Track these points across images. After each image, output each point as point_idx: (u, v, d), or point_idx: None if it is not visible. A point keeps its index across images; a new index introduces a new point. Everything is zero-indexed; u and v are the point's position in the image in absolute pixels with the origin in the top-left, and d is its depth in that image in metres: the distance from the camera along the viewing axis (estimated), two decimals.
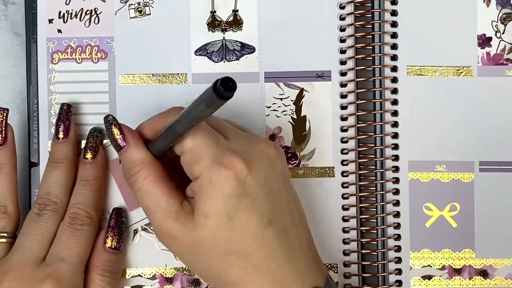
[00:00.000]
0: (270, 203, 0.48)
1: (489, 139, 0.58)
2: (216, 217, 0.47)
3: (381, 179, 0.57)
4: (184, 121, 0.46)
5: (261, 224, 0.47)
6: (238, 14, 0.57)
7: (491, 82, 0.58)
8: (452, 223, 0.57)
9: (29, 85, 0.57)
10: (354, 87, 0.57)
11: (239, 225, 0.47)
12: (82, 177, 0.54)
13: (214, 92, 0.40)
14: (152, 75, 0.57)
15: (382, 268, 0.57)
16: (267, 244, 0.47)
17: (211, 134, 0.48)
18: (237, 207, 0.47)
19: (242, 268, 0.47)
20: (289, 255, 0.48)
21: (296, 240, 0.49)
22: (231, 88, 0.40)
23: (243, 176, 0.47)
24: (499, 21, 0.58)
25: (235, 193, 0.46)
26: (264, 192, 0.47)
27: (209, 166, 0.47)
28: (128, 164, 0.50)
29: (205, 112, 0.44)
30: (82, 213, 0.53)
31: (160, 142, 0.49)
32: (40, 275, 0.50)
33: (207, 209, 0.47)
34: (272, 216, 0.48)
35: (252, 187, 0.47)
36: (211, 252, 0.47)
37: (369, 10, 0.58)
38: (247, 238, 0.47)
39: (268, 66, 0.57)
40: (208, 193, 0.47)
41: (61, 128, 0.54)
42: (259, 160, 0.48)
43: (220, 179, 0.46)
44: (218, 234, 0.47)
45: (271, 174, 0.48)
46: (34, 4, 0.57)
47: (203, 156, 0.47)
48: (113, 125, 0.51)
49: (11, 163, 0.54)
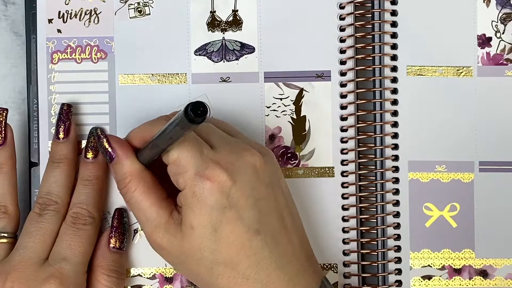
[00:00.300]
0: (257, 213, 0.48)
1: (489, 139, 0.58)
2: (201, 229, 0.47)
3: (381, 179, 0.57)
4: (164, 137, 0.47)
5: (247, 233, 0.47)
6: (238, 14, 0.57)
7: (491, 82, 0.58)
8: (452, 223, 0.57)
9: (29, 85, 0.57)
10: (354, 87, 0.57)
11: (224, 236, 0.47)
12: (83, 176, 0.54)
13: (185, 117, 0.41)
14: (152, 75, 0.57)
15: (382, 268, 0.57)
16: (255, 253, 0.47)
17: (196, 145, 0.48)
18: (221, 218, 0.47)
19: (231, 278, 0.48)
20: (279, 261, 0.48)
21: (288, 245, 0.49)
22: (201, 113, 0.41)
23: (227, 188, 0.47)
24: (499, 21, 0.58)
25: (218, 205, 0.47)
26: (250, 203, 0.48)
27: (193, 178, 0.47)
28: (118, 176, 0.51)
29: (179, 133, 0.44)
30: (84, 213, 0.53)
31: (147, 153, 0.50)
32: (43, 275, 0.50)
33: (192, 220, 0.47)
34: (259, 225, 0.48)
35: (237, 198, 0.47)
36: (198, 262, 0.48)
37: (369, 10, 0.58)
38: (233, 249, 0.47)
39: (267, 66, 0.57)
40: (192, 206, 0.47)
41: (61, 128, 0.55)
42: (244, 170, 0.48)
43: (203, 192, 0.47)
44: (203, 245, 0.47)
45: (257, 184, 0.48)
46: (34, 4, 0.57)
47: (187, 168, 0.47)
48: (101, 138, 0.52)
49: (11, 163, 0.54)
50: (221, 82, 0.57)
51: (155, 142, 0.48)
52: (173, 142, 0.46)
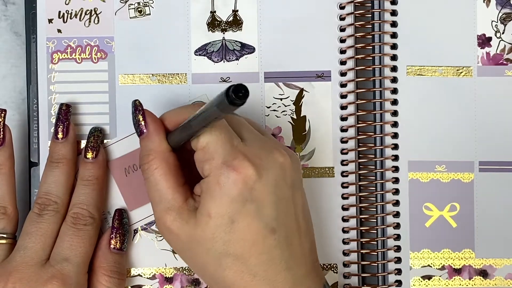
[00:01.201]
0: (276, 211, 0.48)
1: (489, 139, 0.58)
2: (218, 218, 0.47)
3: (381, 179, 0.57)
4: (199, 119, 0.46)
5: (263, 231, 0.47)
6: (238, 14, 0.57)
7: (491, 82, 0.58)
8: (452, 223, 0.57)
9: (29, 85, 0.57)
10: (354, 87, 0.57)
11: (240, 229, 0.47)
12: (83, 176, 0.54)
13: (226, 98, 0.40)
14: (152, 75, 0.57)
15: (381, 268, 0.57)
16: (267, 251, 0.47)
17: (227, 134, 0.48)
18: (241, 211, 0.47)
19: (238, 272, 0.47)
20: (288, 262, 0.48)
21: (298, 248, 0.49)
22: (243, 96, 0.40)
23: (251, 181, 0.47)
24: (499, 21, 0.58)
25: (240, 197, 0.46)
26: (271, 200, 0.47)
27: (219, 167, 0.47)
28: (144, 151, 0.50)
29: (217, 114, 0.44)
30: (84, 213, 0.53)
31: (178, 135, 0.49)
32: (45, 276, 0.50)
33: (211, 208, 0.47)
34: (276, 224, 0.47)
35: (259, 193, 0.47)
36: (208, 252, 0.47)
37: (369, 10, 0.58)
38: (247, 243, 0.47)
39: (268, 66, 0.57)
40: (213, 194, 0.47)
41: (60, 128, 0.54)
42: (271, 168, 0.48)
43: (227, 181, 0.46)
44: (217, 234, 0.47)
45: (281, 183, 0.48)
46: (34, 4, 0.57)
47: (215, 155, 0.47)
48: (138, 111, 0.51)
49: (9, 164, 0.54)
50: (221, 82, 0.57)
51: (188, 123, 0.47)
52: (207, 124, 0.46)
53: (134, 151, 0.56)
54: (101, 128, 0.56)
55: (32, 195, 0.56)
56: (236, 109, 0.41)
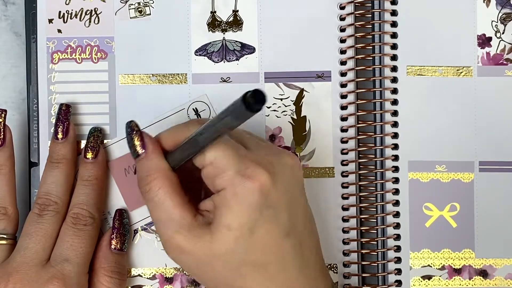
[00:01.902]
0: (289, 215, 0.47)
1: (489, 139, 0.58)
2: (239, 230, 0.46)
3: (381, 179, 0.57)
4: (208, 133, 0.45)
5: (280, 236, 0.47)
6: (238, 14, 0.57)
7: (491, 82, 0.58)
8: (452, 223, 0.57)
9: (29, 85, 0.57)
10: (354, 87, 0.57)
11: (259, 236, 0.46)
12: (83, 177, 0.54)
13: (243, 104, 0.39)
14: (152, 75, 0.57)
15: (382, 268, 0.57)
16: (283, 255, 0.47)
17: (233, 146, 0.47)
18: (259, 218, 0.46)
19: (256, 279, 0.47)
20: (302, 265, 0.48)
21: (309, 250, 0.49)
22: (260, 101, 0.39)
23: (267, 188, 0.46)
24: (499, 21, 0.58)
25: (258, 205, 0.46)
26: (285, 204, 0.47)
27: (233, 178, 0.46)
28: (143, 172, 0.49)
29: (232, 124, 0.43)
30: (84, 213, 0.53)
31: (180, 154, 0.49)
32: (45, 276, 0.50)
33: (230, 221, 0.46)
34: (290, 227, 0.47)
35: (275, 199, 0.47)
36: (227, 264, 0.47)
37: (369, 10, 0.58)
38: (265, 250, 0.47)
39: (268, 66, 0.57)
40: (231, 206, 0.46)
41: (60, 129, 0.54)
42: (283, 172, 0.47)
43: (244, 191, 0.46)
44: (237, 246, 0.46)
45: (292, 186, 0.48)
46: (34, 4, 0.57)
47: (225, 168, 0.46)
48: (134, 132, 0.50)
49: (10, 164, 0.54)
50: (221, 82, 0.57)
51: (194, 139, 0.47)
52: (217, 138, 0.45)
53: None
54: (101, 128, 0.56)
55: (32, 195, 0.56)
56: (252, 116, 0.40)
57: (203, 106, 0.57)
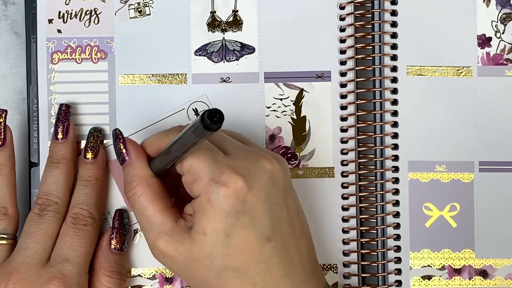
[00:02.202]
0: (270, 219, 0.48)
1: (489, 139, 0.58)
2: (214, 235, 0.47)
3: (381, 179, 0.57)
4: (178, 145, 0.46)
5: (259, 240, 0.47)
6: (238, 15, 0.57)
7: (491, 82, 0.58)
8: (452, 223, 0.57)
9: (29, 85, 0.57)
10: (354, 87, 0.57)
11: (236, 242, 0.47)
12: (83, 177, 0.54)
13: (201, 123, 0.41)
14: (152, 75, 0.57)
15: (382, 268, 0.57)
16: (265, 260, 0.47)
17: (210, 152, 0.48)
18: (235, 224, 0.47)
19: (239, 284, 0.47)
20: (287, 269, 0.48)
21: (296, 253, 0.49)
22: (218, 120, 0.40)
23: (243, 193, 0.47)
24: (499, 21, 0.58)
25: (233, 211, 0.46)
26: (264, 209, 0.47)
27: (208, 185, 0.47)
28: (127, 179, 0.50)
29: (194, 140, 0.44)
30: (84, 213, 0.53)
31: (160, 162, 0.50)
32: (45, 276, 0.50)
33: (205, 226, 0.47)
34: (271, 232, 0.48)
35: (252, 204, 0.47)
36: (207, 268, 0.47)
37: (369, 10, 0.58)
38: (244, 255, 0.47)
39: (268, 66, 0.57)
40: (206, 212, 0.47)
41: (60, 129, 0.54)
42: (260, 176, 0.48)
43: (218, 198, 0.46)
44: (214, 251, 0.47)
45: (272, 190, 0.48)
46: (34, 4, 0.57)
47: (201, 175, 0.47)
48: (118, 139, 0.51)
49: (10, 164, 0.54)
50: (221, 82, 0.57)
51: (169, 149, 0.48)
52: (187, 150, 0.46)
53: None
54: (101, 128, 0.56)
55: (32, 195, 0.56)
56: (211, 134, 0.42)
57: (203, 106, 0.57)
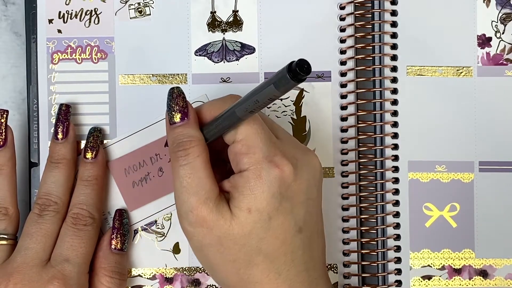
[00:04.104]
0: (304, 211, 0.47)
1: (489, 139, 0.58)
2: (258, 214, 0.46)
3: (381, 179, 0.57)
4: (247, 104, 0.44)
5: (292, 230, 0.47)
6: (238, 15, 0.57)
7: (491, 82, 0.58)
8: (452, 223, 0.57)
9: (29, 85, 0.57)
10: (354, 87, 0.57)
11: (275, 226, 0.46)
12: (83, 177, 0.54)
13: (288, 73, 0.39)
14: (152, 75, 0.57)
15: (382, 268, 0.57)
16: (292, 251, 0.47)
17: (266, 130, 0.47)
18: (277, 208, 0.46)
19: (265, 270, 0.47)
20: (307, 263, 0.48)
21: (316, 249, 0.49)
22: (306, 70, 0.39)
23: (289, 179, 0.46)
24: (499, 21, 0.58)
25: (279, 194, 0.46)
26: (302, 200, 0.47)
27: (260, 161, 0.46)
28: (182, 138, 0.48)
29: (274, 94, 0.42)
30: (84, 213, 0.53)
31: (215, 127, 0.48)
32: (46, 276, 0.50)
33: (251, 204, 0.46)
34: (303, 224, 0.47)
35: (294, 192, 0.47)
36: (241, 248, 0.47)
37: (369, 10, 0.58)
38: (278, 241, 0.47)
39: (268, 66, 0.57)
40: (253, 188, 0.46)
41: (60, 129, 0.54)
42: (306, 169, 0.47)
43: (269, 177, 0.46)
44: (254, 231, 0.46)
45: (312, 184, 0.48)
46: (34, 4, 0.57)
47: (255, 149, 0.46)
48: (180, 97, 0.49)
49: (11, 165, 0.54)
50: (221, 82, 0.57)
51: (232, 111, 0.46)
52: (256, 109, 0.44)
53: (134, 151, 0.56)
54: (101, 128, 0.56)
55: (32, 195, 0.56)
56: (295, 86, 0.40)
57: None
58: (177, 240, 0.56)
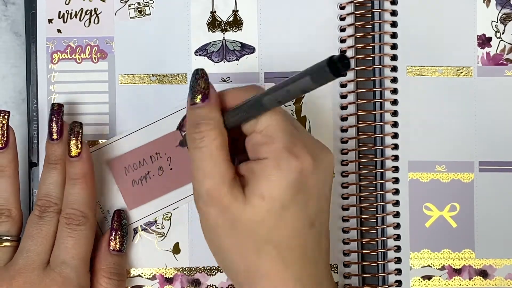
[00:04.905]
0: (317, 206, 0.47)
1: (489, 139, 0.58)
2: (271, 202, 0.45)
3: (381, 179, 0.57)
4: (276, 94, 0.44)
5: (305, 222, 0.47)
6: (238, 14, 0.57)
7: (491, 82, 0.58)
8: (452, 223, 0.57)
9: (29, 85, 0.57)
10: (354, 87, 0.57)
11: (287, 216, 0.46)
12: (70, 176, 0.53)
13: (328, 67, 0.39)
14: (152, 75, 0.57)
15: (382, 268, 0.57)
16: (303, 244, 0.47)
17: (287, 120, 0.47)
18: (292, 198, 0.46)
19: (274, 260, 0.46)
20: (316, 258, 0.48)
21: (323, 246, 0.49)
22: (345, 65, 0.39)
23: (307, 172, 0.46)
24: (499, 21, 0.58)
25: (295, 184, 0.46)
26: (316, 194, 0.47)
27: (280, 151, 0.46)
28: (201, 119, 0.47)
29: (308, 87, 0.41)
30: (76, 213, 0.52)
31: (236, 114, 0.47)
32: (47, 280, 0.50)
33: (265, 191, 0.45)
34: (315, 218, 0.47)
35: (311, 185, 0.46)
36: (251, 235, 0.46)
37: (369, 10, 0.58)
38: (289, 233, 0.46)
39: (268, 66, 0.57)
40: (270, 176, 0.45)
41: (54, 129, 0.53)
42: (324, 164, 0.47)
43: (287, 167, 0.45)
44: (266, 219, 0.46)
45: (327, 180, 0.48)
46: (34, 4, 0.57)
47: (276, 139, 0.46)
48: (203, 78, 0.48)
49: (13, 166, 0.54)
50: (221, 82, 0.57)
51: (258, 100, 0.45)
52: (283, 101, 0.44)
53: (135, 150, 0.56)
54: (81, 123, 0.54)
55: (32, 195, 0.56)
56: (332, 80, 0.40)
57: None
58: (177, 240, 0.56)
